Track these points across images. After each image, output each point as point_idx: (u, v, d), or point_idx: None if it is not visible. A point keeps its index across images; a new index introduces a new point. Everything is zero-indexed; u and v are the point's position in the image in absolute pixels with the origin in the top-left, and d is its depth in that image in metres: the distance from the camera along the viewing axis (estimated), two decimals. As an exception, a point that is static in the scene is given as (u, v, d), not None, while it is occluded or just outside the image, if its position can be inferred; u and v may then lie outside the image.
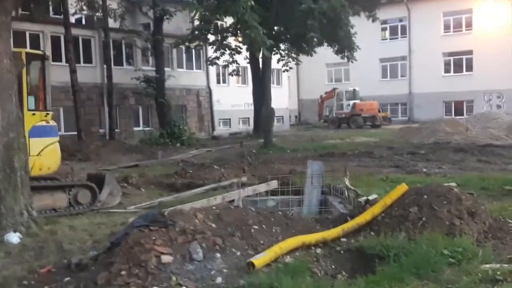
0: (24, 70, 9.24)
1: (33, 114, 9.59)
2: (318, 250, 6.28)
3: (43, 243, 6.74)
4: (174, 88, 34.25)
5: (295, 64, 31.00)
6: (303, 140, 27.96)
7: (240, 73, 31.50)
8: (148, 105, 31.95)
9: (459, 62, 45.59)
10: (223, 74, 36.80)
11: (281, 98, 44.24)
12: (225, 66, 29.08)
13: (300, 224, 6.76)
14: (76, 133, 26.12)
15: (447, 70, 46.31)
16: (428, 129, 25.67)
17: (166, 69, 33.38)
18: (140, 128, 32.39)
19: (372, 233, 6.76)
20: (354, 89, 43.05)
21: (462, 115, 40.84)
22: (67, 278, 5.59)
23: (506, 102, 42.26)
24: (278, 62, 28.74)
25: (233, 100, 38.69)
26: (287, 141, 27.20)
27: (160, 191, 12.51)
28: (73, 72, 25.58)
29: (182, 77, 34.74)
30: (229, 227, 6.04)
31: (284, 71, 31.18)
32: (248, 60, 30.31)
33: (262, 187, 9.66)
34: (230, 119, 39.71)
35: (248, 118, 38.72)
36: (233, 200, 9.92)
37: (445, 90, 44.49)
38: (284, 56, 28.33)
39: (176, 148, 24.53)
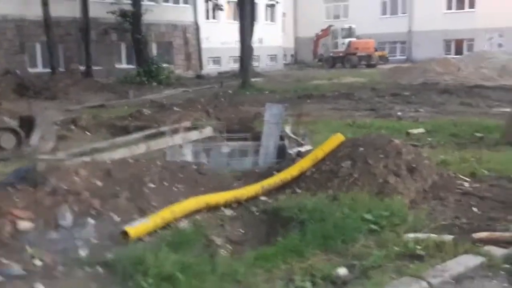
0: None
1: None
2: (228, 212, 5.41)
3: None
4: (159, 23, 32.71)
5: (282, -2, 29.33)
6: (289, 80, 26.77)
7: (223, 8, 29.74)
8: (131, 41, 30.52)
9: (461, -1, 43.59)
10: (213, 9, 35.00)
11: (275, 36, 42.65)
12: (206, 1, 27.47)
13: (214, 181, 5.85)
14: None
15: (449, 7, 44.31)
16: (418, 69, 24.47)
17: (150, 3, 31.79)
18: (123, 65, 31.10)
19: (299, 190, 5.88)
20: (350, 27, 41.30)
21: (462, 54, 39.22)
22: None
23: (507, 41, 40.48)
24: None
25: (223, 37, 36.94)
26: (271, 81, 26.04)
27: (108, 135, 11.59)
28: (44, 5, 24.17)
29: (168, 12, 33.07)
30: (119, 186, 5.14)
31: (270, 6, 29.56)
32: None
33: (193, 135, 8.70)
34: (220, 57, 38.21)
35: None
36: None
37: (446, 28, 42.65)
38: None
39: (152, 88, 23.43)
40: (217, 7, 28.73)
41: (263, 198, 5.71)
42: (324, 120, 12.50)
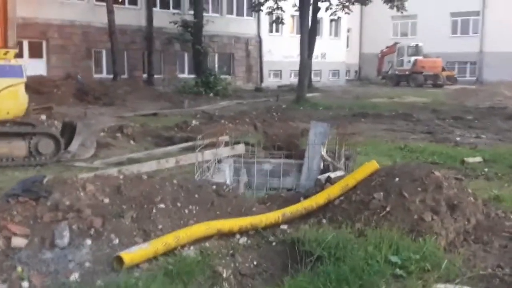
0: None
1: (-13, 51, 8.59)
2: (243, 240, 4.97)
3: None
4: (222, 35, 32.88)
5: (345, 13, 28.67)
6: (348, 97, 26.08)
7: (284, 22, 29.41)
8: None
9: (537, 19, 41.31)
10: (275, 23, 34.68)
11: (338, 51, 41.97)
12: (268, 13, 27.27)
13: (233, 204, 5.41)
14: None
15: (522, 28, 42.14)
16: (486, 91, 23.25)
17: (214, 14, 32.08)
18: (185, 75, 31.26)
19: (324, 220, 5.38)
20: (417, 44, 40.00)
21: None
22: None
23: None
24: (326, 11, 26.61)
25: (285, 50, 36.51)
26: (329, 97, 25.44)
27: (152, 145, 11.45)
28: (110, 12, 24.67)
29: (231, 24, 33.17)
30: (127, 204, 4.82)
31: (333, 21, 29.01)
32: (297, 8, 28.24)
33: (224, 151, 8.31)
34: (281, 70, 37.88)
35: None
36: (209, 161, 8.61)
37: (519, 49, 40.56)
38: (331, 5, 26.12)
39: (208, 98, 23.36)
40: (278, 21, 28.40)
41: (283, 226, 5.25)
42: (374, 141, 11.88)
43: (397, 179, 5.39)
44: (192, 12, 29.33)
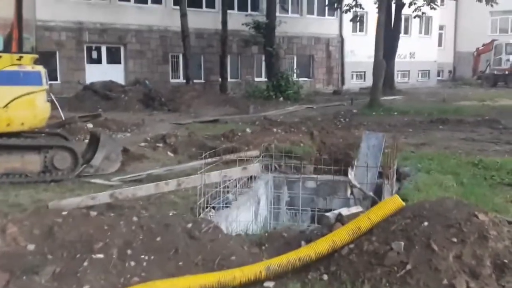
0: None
1: (-2, 56, 7.88)
2: (205, 303, 3.74)
3: None
4: (301, 36, 31.60)
5: (430, 8, 26.33)
6: (433, 100, 23.83)
7: (358, 19, 27.58)
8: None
9: None
10: (361, 22, 32.76)
11: (429, 50, 39.28)
12: (345, 11, 25.62)
13: (206, 250, 4.19)
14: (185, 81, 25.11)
15: None
16: None
17: (294, 15, 31.02)
18: (262, 79, 30.24)
19: (326, 277, 4.03)
20: (517, 42, 36.52)
21: None
22: None
23: None
24: (409, 7, 24.54)
25: (370, 51, 34.53)
26: (411, 100, 23.33)
27: (188, 157, 10.43)
28: (183, 16, 24.14)
29: (312, 25, 31.77)
30: (56, 253, 3.75)
31: (416, 17, 26.85)
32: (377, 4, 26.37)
33: (235, 172, 7.03)
34: (365, 72, 35.85)
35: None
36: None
37: None
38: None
39: (277, 103, 22.09)
40: (355, 19, 26.69)
41: (268, 284, 3.96)
42: (445, 154, 10.15)
43: (426, 223, 3.93)
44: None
